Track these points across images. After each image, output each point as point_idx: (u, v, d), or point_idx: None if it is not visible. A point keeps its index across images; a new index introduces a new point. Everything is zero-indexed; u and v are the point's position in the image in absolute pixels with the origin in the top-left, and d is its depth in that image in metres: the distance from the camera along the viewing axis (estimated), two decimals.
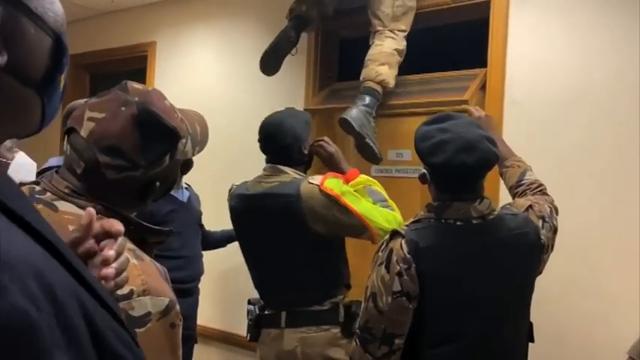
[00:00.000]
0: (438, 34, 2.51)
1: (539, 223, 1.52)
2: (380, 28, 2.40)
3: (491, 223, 1.44)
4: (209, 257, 2.81)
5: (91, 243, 0.72)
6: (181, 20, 3.51)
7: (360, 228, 1.85)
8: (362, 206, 1.85)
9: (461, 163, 1.37)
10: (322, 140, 2.09)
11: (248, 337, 2.10)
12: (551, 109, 2.17)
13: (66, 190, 0.94)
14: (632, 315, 1.93)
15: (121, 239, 0.74)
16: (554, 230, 1.57)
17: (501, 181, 1.93)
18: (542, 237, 1.50)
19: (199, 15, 3.44)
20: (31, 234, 0.40)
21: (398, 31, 2.38)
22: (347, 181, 1.95)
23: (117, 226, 0.74)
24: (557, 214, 1.63)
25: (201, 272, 2.71)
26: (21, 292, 0.34)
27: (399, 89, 2.52)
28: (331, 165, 2.07)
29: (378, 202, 1.92)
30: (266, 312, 2.02)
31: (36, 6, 0.47)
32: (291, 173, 1.97)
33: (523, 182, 1.73)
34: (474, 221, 1.43)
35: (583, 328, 2.06)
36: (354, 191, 1.91)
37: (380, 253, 1.47)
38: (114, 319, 0.47)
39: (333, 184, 1.86)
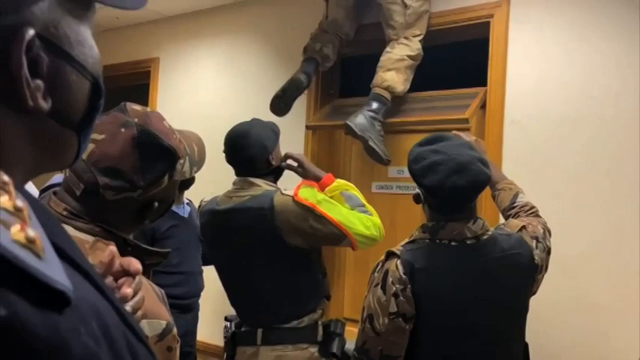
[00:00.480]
0: (439, 52, 2.54)
1: (533, 243, 1.52)
2: (394, 37, 2.45)
3: (485, 244, 1.45)
4: (209, 273, 2.80)
5: (110, 280, 0.75)
6: (184, 37, 3.54)
7: (338, 236, 1.79)
8: (339, 213, 1.80)
9: (452, 185, 1.38)
10: (286, 154, 2.03)
11: (225, 357, 2.03)
12: (551, 128, 2.18)
13: (64, 213, 0.94)
14: (632, 337, 1.92)
15: (138, 277, 0.77)
16: (548, 251, 1.58)
17: None
18: (536, 257, 1.50)
19: (202, 32, 3.47)
20: (73, 266, 0.41)
21: (412, 36, 2.44)
22: (323, 187, 1.91)
23: (135, 265, 0.77)
24: (550, 235, 1.64)
25: (201, 288, 2.69)
26: (88, 333, 0.35)
27: (400, 107, 2.54)
28: (305, 174, 1.99)
29: (355, 208, 1.87)
30: (242, 329, 1.95)
31: (77, 53, 0.50)
32: (262, 185, 1.90)
33: (515, 205, 1.74)
34: (468, 241, 1.44)
35: (581, 349, 2.05)
36: (330, 197, 1.87)
37: (376, 274, 1.48)
38: (149, 354, 0.49)
39: (307, 193, 1.81)
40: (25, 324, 0.30)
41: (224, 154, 1.96)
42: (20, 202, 0.35)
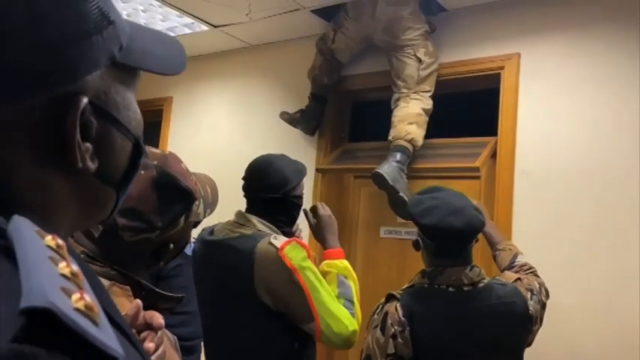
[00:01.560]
0: (451, 101, 2.57)
1: (528, 295, 1.58)
2: (405, 90, 2.47)
3: (482, 290, 1.52)
4: None
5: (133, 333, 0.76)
6: (197, 77, 3.61)
7: (305, 316, 1.58)
8: (318, 293, 1.58)
9: (449, 224, 1.48)
10: (316, 205, 1.88)
11: None
12: (560, 179, 2.19)
13: (82, 256, 0.94)
14: None
15: (160, 332, 0.78)
16: (543, 305, 1.63)
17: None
18: (531, 308, 1.55)
19: (214, 72, 3.54)
20: (115, 326, 0.41)
21: (422, 92, 2.46)
22: (326, 257, 1.74)
23: (158, 320, 0.78)
24: (547, 295, 1.68)
25: None
26: None
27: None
28: (317, 232, 1.84)
29: (342, 299, 1.65)
30: None
31: (123, 117, 0.53)
32: (257, 224, 1.72)
33: (515, 264, 1.81)
34: (465, 287, 1.51)
35: None
36: (324, 273, 1.68)
37: (375, 316, 1.53)
38: None
39: (293, 253, 1.60)
40: None
41: (242, 183, 1.84)
42: (75, 267, 0.36)
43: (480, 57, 2.46)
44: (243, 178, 1.82)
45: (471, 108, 2.61)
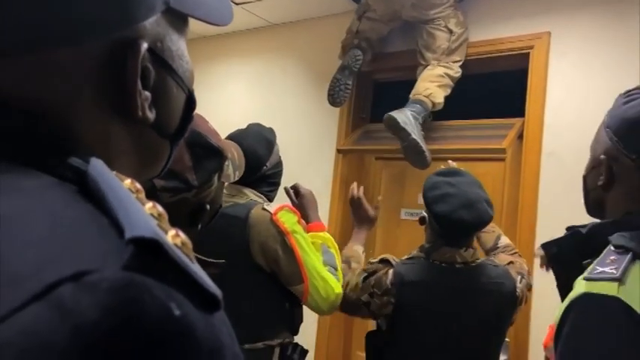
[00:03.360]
0: (478, 81, 2.52)
1: (518, 277, 1.66)
2: (434, 62, 2.43)
3: (473, 269, 1.62)
4: None
5: None
6: (217, 56, 3.59)
7: (295, 277, 1.67)
8: (308, 257, 1.68)
9: (459, 218, 1.55)
10: (295, 185, 1.95)
11: None
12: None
13: None
14: None
15: None
16: (529, 287, 1.74)
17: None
18: (518, 290, 1.63)
19: (234, 51, 3.51)
20: None
21: (452, 62, 2.43)
22: (308, 230, 1.79)
23: None
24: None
25: None
26: (231, 337, 0.36)
27: (436, 134, 2.52)
28: (300, 208, 1.88)
29: (327, 266, 1.73)
30: None
31: (177, 67, 0.52)
32: (249, 195, 1.81)
33: (499, 246, 1.88)
34: (457, 265, 1.61)
35: None
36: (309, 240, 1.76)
37: (369, 265, 1.69)
38: None
39: (286, 217, 1.70)
40: (193, 325, 0.31)
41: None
42: (160, 209, 0.36)
43: (508, 36, 2.40)
44: None
45: (498, 89, 2.56)
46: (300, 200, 1.91)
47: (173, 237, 0.34)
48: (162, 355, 0.29)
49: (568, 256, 1.07)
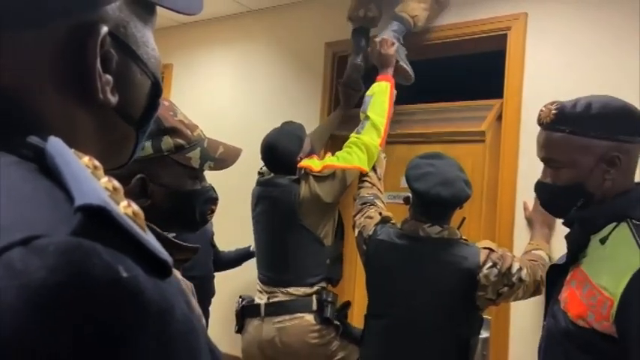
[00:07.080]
0: (456, 63, 2.53)
1: (488, 263, 1.67)
2: None
3: (433, 242, 1.75)
4: (220, 278, 2.80)
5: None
6: (197, 44, 3.56)
7: (352, 173, 2.21)
8: (342, 159, 2.18)
9: (436, 193, 1.70)
10: (384, 39, 2.31)
11: (236, 329, 2.27)
12: None
13: None
14: None
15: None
16: (506, 283, 1.68)
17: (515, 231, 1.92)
18: (481, 273, 1.66)
19: (215, 39, 3.49)
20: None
21: None
22: (379, 80, 2.31)
23: None
24: (522, 281, 1.71)
25: (212, 293, 2.69)
26: (183, 302, 0.39)
27: (416, 117, 2.53)
28: (380, 64, 2.31)
29: (371, 117, 2.22)
30: (250, 303, 2.21)
31: (142, 53, 0.53)
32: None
33: (527, 252, 1.94)
34: (420, 236, 1.78)
35: None
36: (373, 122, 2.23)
37: (372, 211, 2.04)
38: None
39: (314, 164, 2.17)
40: (140, 286, 0.33)
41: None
42: (116, 183, 0.38)
43: (485, 17, 2.41)
44: (262, 158, 2.33)
45: (477, 71, 2.58)
46: (380, 57, 2.32)
47: (125, 207, 0.36)
48: (108, 312, 0.31)
49: (592, 220, 1.26)
